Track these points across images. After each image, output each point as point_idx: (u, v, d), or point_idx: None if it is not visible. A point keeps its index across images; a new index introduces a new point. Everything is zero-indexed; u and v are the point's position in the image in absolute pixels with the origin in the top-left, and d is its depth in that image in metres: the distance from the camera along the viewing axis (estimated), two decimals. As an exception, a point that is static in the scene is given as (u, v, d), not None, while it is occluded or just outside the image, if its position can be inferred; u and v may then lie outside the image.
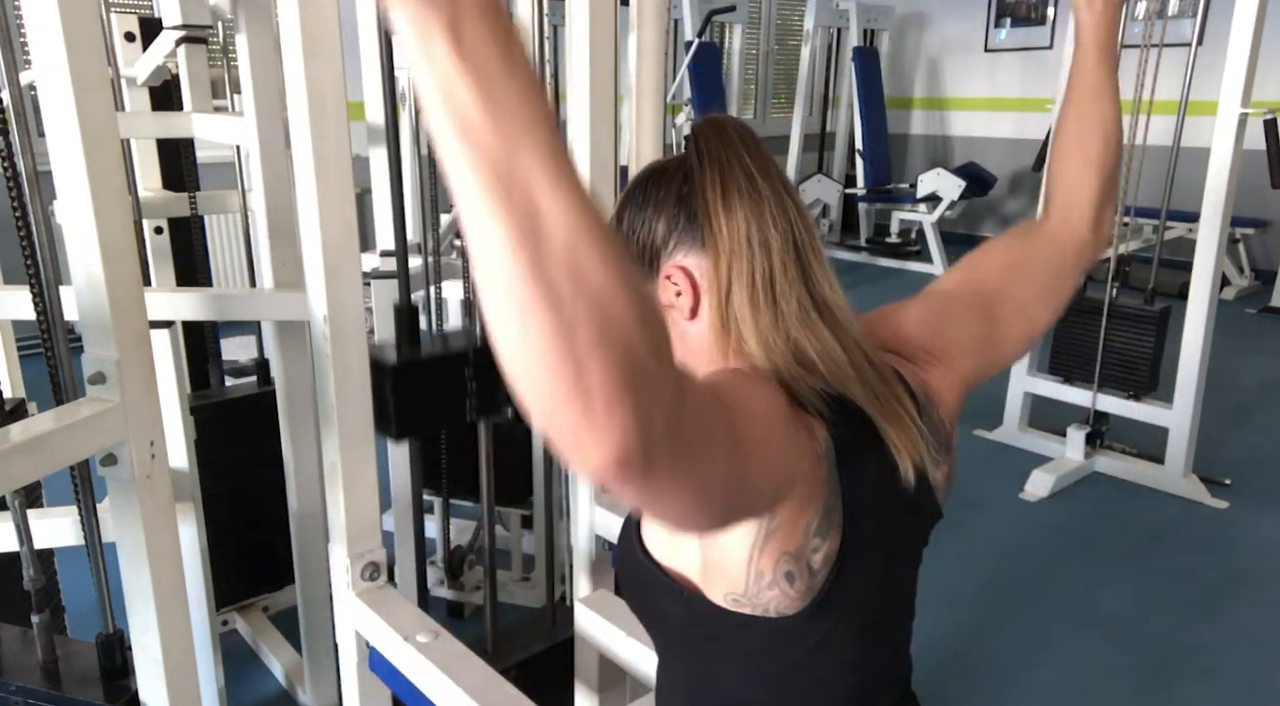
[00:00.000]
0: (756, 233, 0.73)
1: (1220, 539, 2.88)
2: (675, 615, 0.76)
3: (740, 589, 0.71)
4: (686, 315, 0.77)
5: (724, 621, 0.72)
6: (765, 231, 0.73)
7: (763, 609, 0.71)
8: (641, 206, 0.79)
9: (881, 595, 0.78)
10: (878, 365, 0.76)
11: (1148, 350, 3.21)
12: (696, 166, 0.76)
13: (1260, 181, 3.69)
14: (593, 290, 0.41)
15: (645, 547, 0.77)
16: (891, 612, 0.82)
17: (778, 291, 0.73)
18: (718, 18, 5.85)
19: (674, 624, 0.78)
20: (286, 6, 1.05)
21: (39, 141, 0.99)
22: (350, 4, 1.56)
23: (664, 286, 0.77)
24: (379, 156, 1.96)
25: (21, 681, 1.19)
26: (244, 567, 2.23)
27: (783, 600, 0.70)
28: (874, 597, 0.77)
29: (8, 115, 1.05)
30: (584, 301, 0.41)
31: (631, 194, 0.81)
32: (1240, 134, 2.88)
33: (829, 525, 0.70)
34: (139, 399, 1.07)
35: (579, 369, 0.41)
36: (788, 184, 0.77)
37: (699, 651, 0.78)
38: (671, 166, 0.79)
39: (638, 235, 0.79)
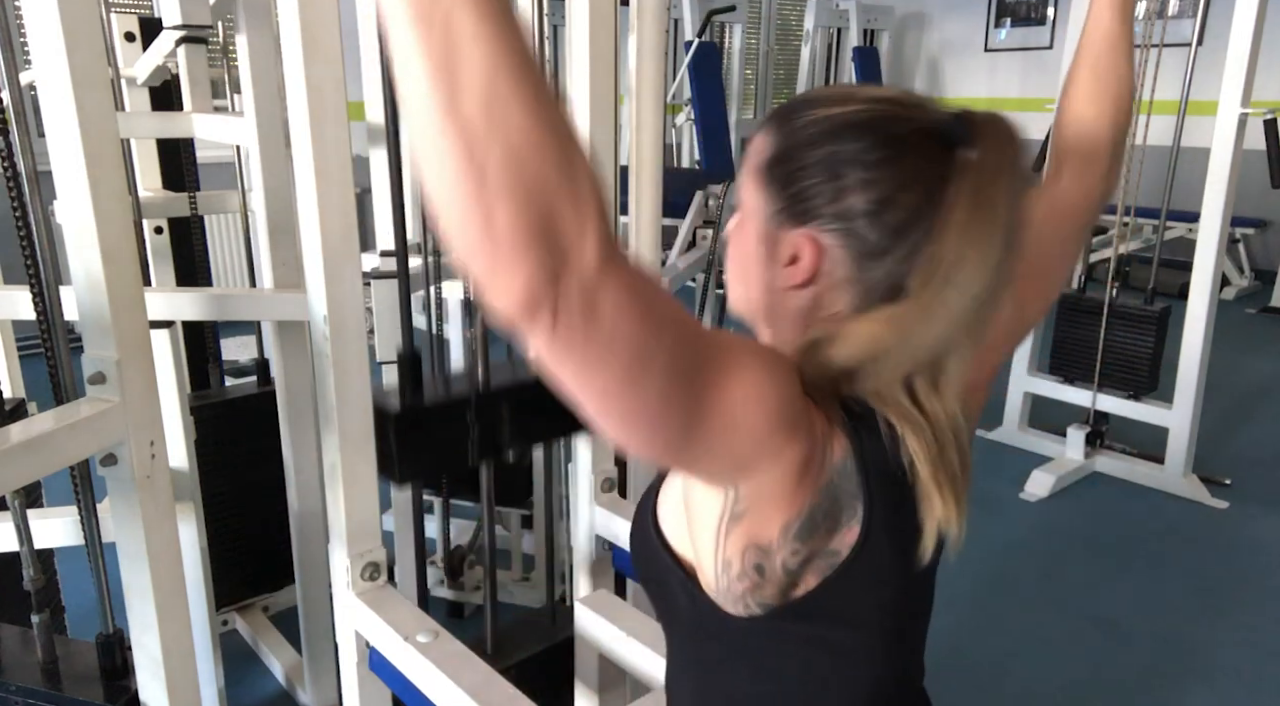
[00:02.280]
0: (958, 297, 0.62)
1: (1220, 539, 2.88)
2: (681, 602, 0.73)
3: (713, 581, 0.68)
4: (782, 281, 0.69)
5: (719, 616, 0.70)
6: (967, 291, 0.62)
7: (743, 604, 0.68)
8: (866, 157, 0.66)
9: (898, 599, 0.72)
10: (963, 448, 0.68)
11: (1148, 350, 3.21)
12: (961, 182, 0.64)
13: (1260, 181, 3.69)
14: (508, 133, 0.42)
15: (659, 529, 0.74)
16: (908, 616, 0.77)
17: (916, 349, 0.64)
18: (718, 18, 5.84)
19: (680, 610, 0.75)
20: (286, 6, 1.05)
21: (39, 141, 0.99)
22: (350, 4, 1.56)
23: (786, 241, 0.69)
24: (379, 156, 1.96)
25: (21, 681, 1.19)
26: (244, 567, 2.23)
27: (756, 591, 0.66)
28: (889, 602, 0.71)
29: (8, 115, 1.05)
30: (498, 144, 0.42)
31: (872, 126, 0.67)
32: (1240, 134, 2.88)
33: (821, 527, 0.65)
34: (139, 399, 1.07)
35: (488, 212, 0.42)
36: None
37: (703, 642, 0.76)
38: (931, 149, 0.66)
39: (822, 174, 0.66)
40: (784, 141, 0.70)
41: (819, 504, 0.64)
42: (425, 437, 1.33)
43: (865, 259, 0.67)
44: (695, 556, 0.70)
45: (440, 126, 0.42)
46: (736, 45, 6.74)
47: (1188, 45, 3.10)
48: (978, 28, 7.45)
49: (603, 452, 1.54)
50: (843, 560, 0.66)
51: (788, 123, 0.70)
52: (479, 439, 1.38)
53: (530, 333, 0.46)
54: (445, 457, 1.37)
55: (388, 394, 1.34)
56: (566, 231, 0.44)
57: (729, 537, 0.65)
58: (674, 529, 0.73)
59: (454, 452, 1.36)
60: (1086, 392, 3.34)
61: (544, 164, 0.43)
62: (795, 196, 0.68)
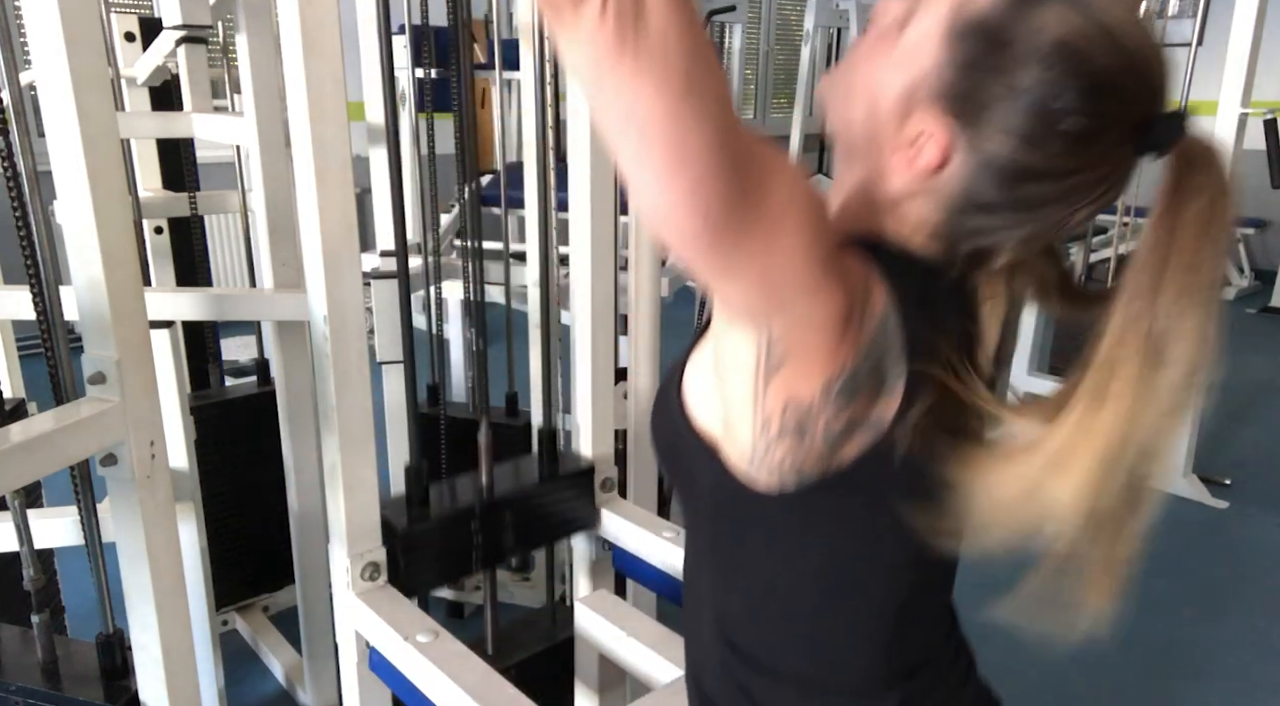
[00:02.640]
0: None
1: (1220, 539, 2.88)
2: (705, 480, 0.68)
3: (746, 449, 0.62)
4: (888, 140, 0.63)
5: (747, 492, 0.65)
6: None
7: (776, 472, 0.62)
8: (1073, 118, 0.57)
9: (940, 483, 0.65)
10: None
11: (1148, 350, 3.21)
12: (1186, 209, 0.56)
13: (1260, 181, 3.69)
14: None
15: (683, 405, 0.69)
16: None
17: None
18: (718, 18, 5.84)
19: (702, 490, 0.70)
20: (286, 6, 1.05)
21: (39, 141, 0.99)
22: (350, 4, 1.56)
23: (925, 117, 0.61)
24: (379, 156, 1.96)
25: (21, 681, 1.19)
26: (244, 567, 2.23)
27: (794, 459, 0.61)
28: (924, 496, 0.65)
29: (8, 115, 1.05)
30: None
31: (1113, 86, 0.57)
32: (1240, 134, 2.88)
33: (864, 391, 0.59)
34: (139, 399, 1.07)
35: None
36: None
37: (725, 525, 0.71)
38: (1124, 141, 0.58)
39: (1017, 95, 0.57)
40: (1009, 23, 0.58)
41: (861, 364, 0.58)
42: (430, 552, 1.37)
43: (977, 206, 0.61)
44: (725, 428, 0.65)
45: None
46: (736, 45, 6.74)
47: (1188, 45, 3.10)
48: (978, 28, 7.43)
49: (603, 452, 1.54)
50: (884, 431, 0.61)
51: (1032, 5, 0.57)
52: (483, 546, 1.42)
53: (577, 22, 0.45)
54: (449, 568, 1.42)
55: (394, 504, 1.39)
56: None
57: (768, 391, 0.59)
58: (700, 404, 0.67)
59: (458, 562, 1.42)
60: (1086, 393, 3.34)
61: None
62: (973, 90, 0.59)
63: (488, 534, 1.43)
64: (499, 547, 1.45)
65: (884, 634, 0.71)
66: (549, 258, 1.66)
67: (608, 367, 1.51)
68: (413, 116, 2.14)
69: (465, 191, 1.76)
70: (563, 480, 1.50)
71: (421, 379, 1.83)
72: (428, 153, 1.87)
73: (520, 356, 2.04)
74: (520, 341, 2.01)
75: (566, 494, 1.50)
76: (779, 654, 0.72)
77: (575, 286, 1.47)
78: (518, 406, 2.13)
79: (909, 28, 0.63)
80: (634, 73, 0.46)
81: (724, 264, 0.53)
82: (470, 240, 1.75)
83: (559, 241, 1.86)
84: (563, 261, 2.13)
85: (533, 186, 1.59)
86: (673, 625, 1.25)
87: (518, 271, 2.16)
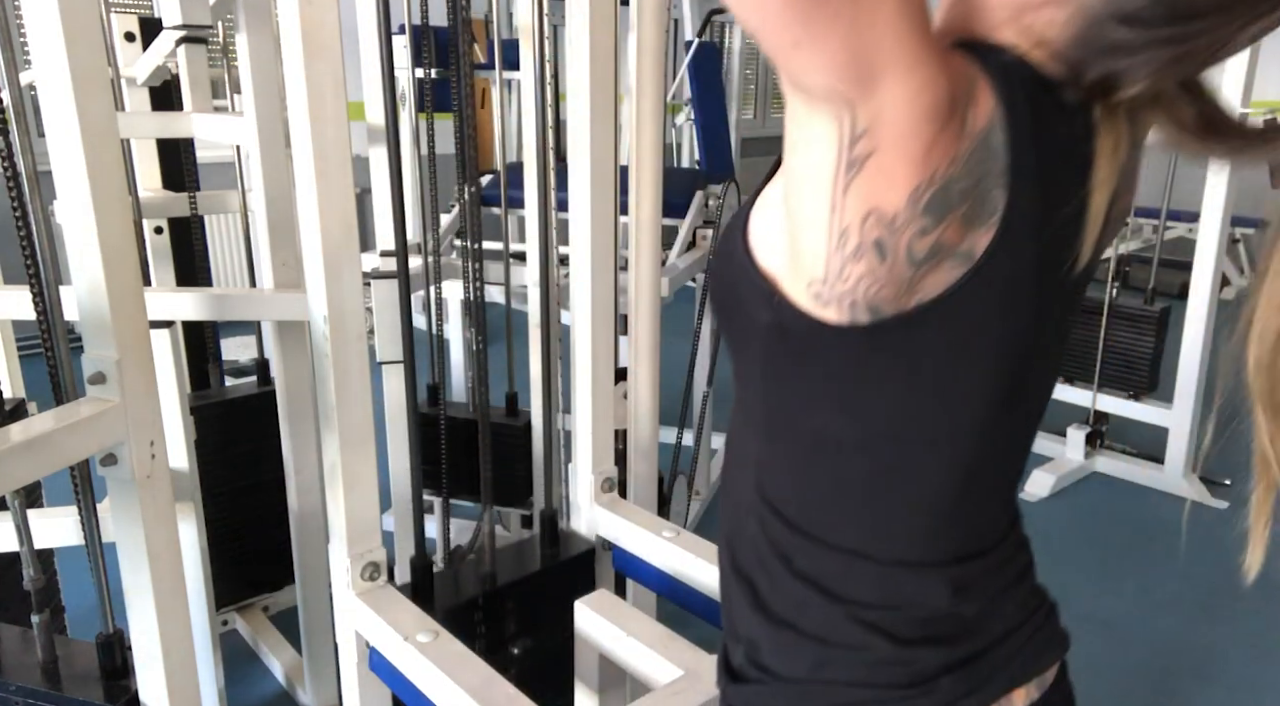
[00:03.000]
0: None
1: (1220, 539, 2.88)
2: (763, 324, 0.62)
3: (821, 266, 0.55)
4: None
5: (808, 330, 0.59)
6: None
7: (849, 299, 0.56)
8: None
9: (1023, 338, 0.61)
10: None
11: (1148, 350, 3.21)
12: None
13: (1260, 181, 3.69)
14: None
15: (747, 242, 0.64)
16: (1025, 375, 0.64)
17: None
18: (718, 18, 5.84)
19: (761, 335, 0.64)
20: (286, 6, 1.05)
21: (39, 141, 0.99)
22: (350, 4, 1.56)
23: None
24: (379, 156, 1.96)
25: (21, 681, 1.19)
26: (244, 567, 2.23)
27: (872, 282, 0.54)
28: (1012, 340, 0.60)
29: (8, 115, 1.05)
30: None
31: None
32: (1240, 134, 2.88)
33: (956, 211, 0.53)
34: (139, 399, 1.07)
35: None
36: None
37: (783, 371, 0.65)
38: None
39: None
40: None
41: (956, 177, 0.52)
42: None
43: (1120, 16, 0.54)
44: (792, 258, 0.59)
45: None
46: (736, 45, 6.73)
47: (1188, 45, 3.10)
48: (978, 28, 7.44)
49: (603, 452, 1.54)
50: (974, 265, 0.55)
51: None
52: (485, 636, 1.44)
53: None
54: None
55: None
56: None
57: (847, 196, 0.52)
58: (766, 240, 0.62)
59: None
60: (1086, 393, 3.34)
61: None
62: None
63: (490, 624, 1.46)
64: (501, 639, 1.48)
65: (943, 504, 0.65)
66: (549, 258, 1.66)
67: (608, 368, 1.51)
68: (413, 116, 2.14)
69: (465, 191, 1.76)
70: (565, 565, 1.53)
71: (421, 379, 1.83)
72: (428, 153, 1.87)
73: (520, 356, 2.04)
74: (520, 341, 2.01)
75: (570, 578, 1.52)
76: (827, 518, 0.66)
77: (575, 286, 1.47)
78: (518, 406, 2.13)
79: None
80: None
81: (804, 28, 0.47)
82: (470, 240, 1.75)
83: (559, 241, 1.86)
84: (563, 261, 2.13)
85: (533, 186, 1.59)
86: (673, 625, 1.25)
87: (518, 271, 2.16)
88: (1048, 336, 0.63)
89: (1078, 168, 0.57)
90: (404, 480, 1.94)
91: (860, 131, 0.50)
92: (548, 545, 1.55)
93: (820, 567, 0.67)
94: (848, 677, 0.66)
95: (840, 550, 0.66)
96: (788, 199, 0.57)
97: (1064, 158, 0.57)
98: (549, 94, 1.60)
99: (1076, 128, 0.58)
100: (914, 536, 0.65)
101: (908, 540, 0.65)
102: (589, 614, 1.34)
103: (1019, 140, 0.53)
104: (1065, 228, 0.58)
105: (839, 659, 0.66)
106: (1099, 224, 0.58)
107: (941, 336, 0.58)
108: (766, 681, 0.70)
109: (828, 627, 0.66)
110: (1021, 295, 0.58)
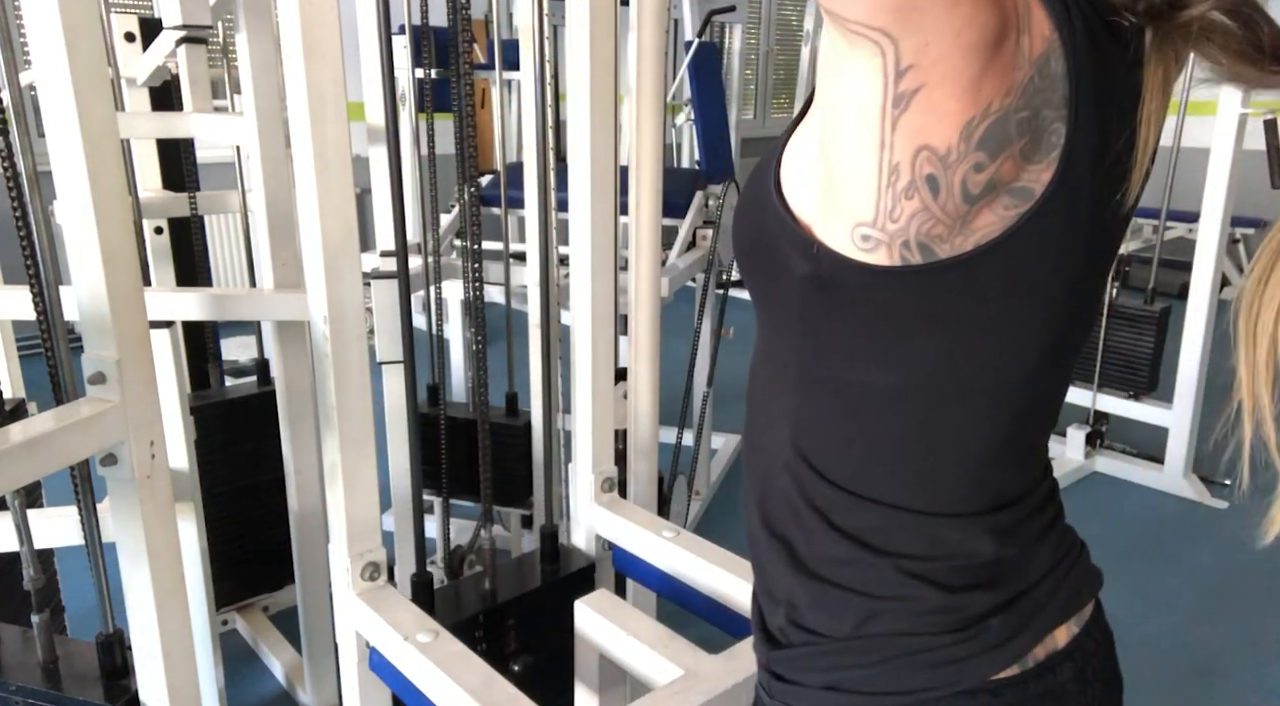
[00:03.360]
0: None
1: (1220, 539, 2.88)
2: (800, 274, 0.61)
3: (871, 206, 0.54)
4: None
5: (852, 276, 0.57)
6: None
7: (900, 239, 0.54)
8: None
9: (1074, 282, 0.59)
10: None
11: (1148, 350, 3.21)
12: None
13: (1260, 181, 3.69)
14: None
15: (780, 187, 0.62)
16: (1083, 322, 0.63)
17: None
18: (718, 18, 5.84)
19: (797, 285, 0.62)
20: (286, 6, 1.05)
21: (39, 141, 0.99)
22: (350, 4, 1.56)
23: None
24: (379, 156, 1.96)
25: (21, 681, 1.19)
26: (244, 567, 2.23)
27: (924, 220, 0.53)
28: (1065, 281, 0.58)
29: (8, 115, 1.05)
30: None
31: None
32: (1240, 134, 2.88)
33: (1014, 145, 0.52)
34: (139, 399, 1.07)
35: None
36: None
37: (818, 324, 0.63)
38: None
39: None
40: None
41: (1013, 108, 0.51)
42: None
43: None
44: (831, 200, 0.57)
45: None
46: (736, 45, 6.74)
47: (1188, 45, 3.10)
48: (978, 28, 7.43)
49: (603, 452, 1.54)
50: (1035, 202, 0.53)
51: None
52: (486, 653, 1.43)
53: None
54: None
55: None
56: None
57: (896, 132, 0.51)
58: (800, 186, 0.60)
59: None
60: (1086, 392, 3.34)
61: None
62: None
63: (490, 640, 1.46)
64: (502, 655, 1.48)
65: (987, 455, 0.64)
66: (549, 258, 1.66)
67: (608, 368, 1.51)
68: (413, 117, 2.14)
69: (465, 191, 1.76)
70: (564, 581, 1.53)
71: (421, 379, 1.83)
72: (428, 153, 1.87)
73: (520, 356, 2.04)
74: (520, 341, 2.01)
75: (569, 594, 1.52)
76: (867, 473, 0.65)
77: (575, 286, 1.47)
78: (517, 406, 2.13)
79: None
80: None
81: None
82: (470, 240, 1.75)
83: (559, 241, 1.86)
84: (563, 261, 2.13)
85: (533, 186, 1.59)
86: (673, 625, 1.25)
87: (518, 271, 2.17)
88: (1094, 281, 0.62)
89: (1129, 98, 0.56)
90: (404, 480, 1.94)
91: (905, 67, 0.48)
92: (548, 561, 1.55)
93: (861, 522, 0.65)
94: (897, 628, 0.65)
95: (882, 504, 0.64)
96: (827, 141, 0.55)
97: (1119, 87, 0.55)
98: (549, 94, 1.60)
99: (1129, 56, 0.55)
100: (957, 488, 0.64)
101: (951, 492, 0.64)
102: (589, 613, 1.34)
103: (1078, 67, 0.51)
104: (1117, 163, 0.56)
105: (887, 611, 0.65)
106: (1146, 160, 0.57)
107: (1000, 278, 0.55)
108: (812, 642, 0.68)
109: (873, 582, 0.65)
110: (1080, 234, 0.56)
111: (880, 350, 0.60)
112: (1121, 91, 0.55)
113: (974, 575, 0.65)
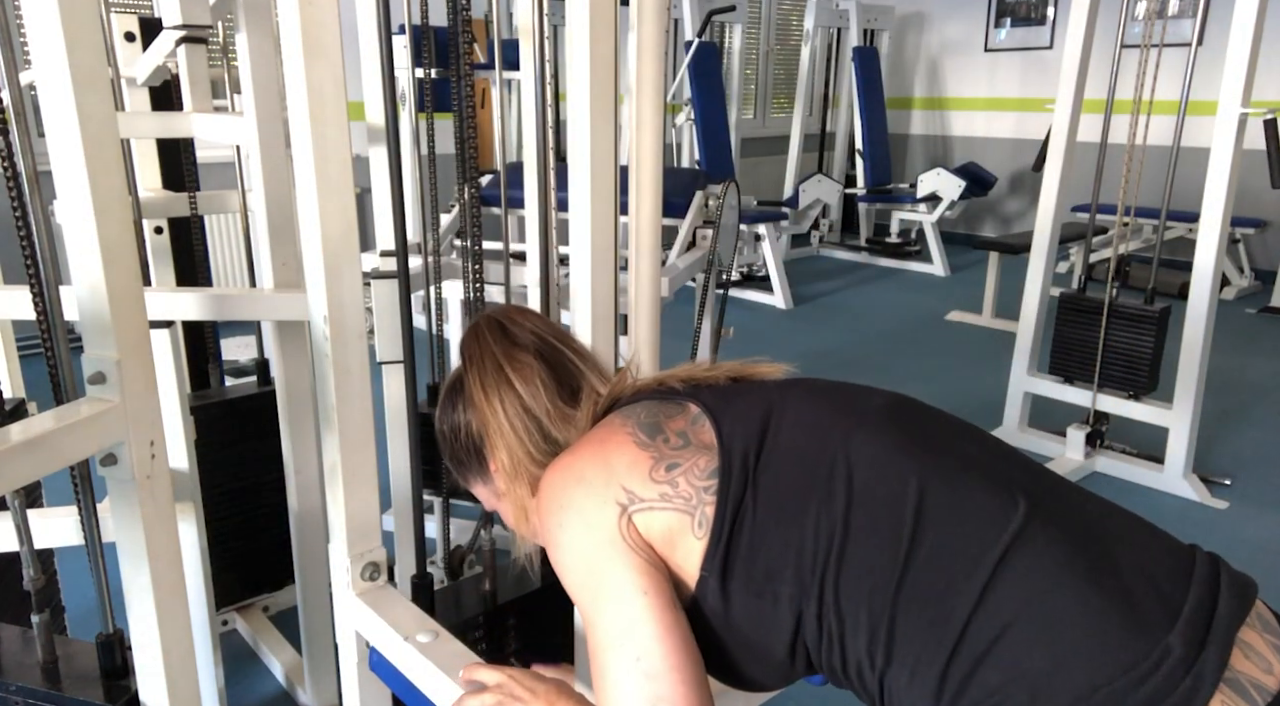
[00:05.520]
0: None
1: (1220, 539, 2.88)
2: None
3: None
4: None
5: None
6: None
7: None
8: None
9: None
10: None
11: (1148, 350, 3.21)
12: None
13: (1260, 181, 3.70)
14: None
15: None
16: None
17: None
18: (718, 18, 5.84)
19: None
20: (286, 6, 1.05)
21: (39, 141, 0.99)
22: (350, 4, 1.56)
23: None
24: (379, 156, 1.96)
25: (21, 681, 1.19)
26: (244, 567, 2.23)
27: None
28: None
29: (8, 115, 1.05)
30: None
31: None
32: (1240, 134, 2.88)
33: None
34: (139, 399, 1.07)
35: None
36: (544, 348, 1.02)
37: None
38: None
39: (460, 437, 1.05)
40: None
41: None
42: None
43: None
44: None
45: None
46: (736, 45, 6.73)
47: (1188, 45, 3.10)
48: (978, 28, 7.44)
49: (603, 452, 1.54)
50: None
51: None
52: (486, 654, 1.45)
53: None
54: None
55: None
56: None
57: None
58: None
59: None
60: (1086, 392, 3.34)
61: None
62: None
63: (490, 641, 1.47)
64: (503, 653, 1.50)
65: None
66: (549, 258, 1.66)
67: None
68: (413, 116, 2.14)
69: (465, 191, 1.76)
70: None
71: (421, 379, 1.83)
72: (428, 153, 1.87)
73: (520, 356, 2.03)
74: (520, 341, 2.00)
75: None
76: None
77: (575, 286, 1.47)
78: (518, 406, 2.13)
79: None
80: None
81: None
82: (470, 240, 1.75)
83: (559, 241, 1.86)
84: (563, 261, 2.13)
85: (533, 186, 1.59)
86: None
87: (518, 271, 2.16)
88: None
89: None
90: (404, 480, 1.94)
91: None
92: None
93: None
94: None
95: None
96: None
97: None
98: (549, 94, 1.60)
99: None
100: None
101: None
102: (589, 614, 1.34)
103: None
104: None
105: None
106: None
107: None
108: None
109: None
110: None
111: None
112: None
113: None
